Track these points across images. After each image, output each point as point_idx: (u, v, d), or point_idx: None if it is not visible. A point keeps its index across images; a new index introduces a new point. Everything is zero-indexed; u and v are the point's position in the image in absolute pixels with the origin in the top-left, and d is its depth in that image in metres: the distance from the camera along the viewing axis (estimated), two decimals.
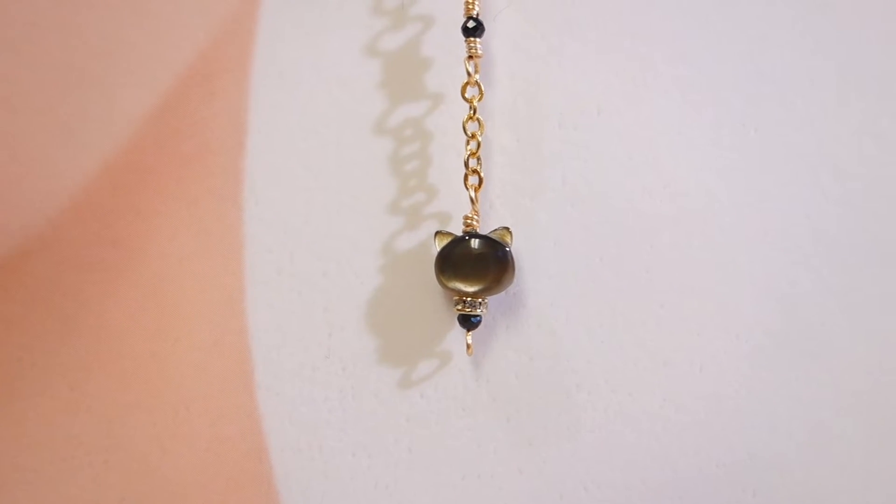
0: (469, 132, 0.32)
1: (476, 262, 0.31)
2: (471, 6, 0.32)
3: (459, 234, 0.32)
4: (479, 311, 0.32)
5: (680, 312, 0.33)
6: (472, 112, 0.32)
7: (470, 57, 0.32)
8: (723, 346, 0.32)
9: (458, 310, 0.32)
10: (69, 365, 0.33)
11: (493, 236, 0.32)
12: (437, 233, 0.32)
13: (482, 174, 0.32)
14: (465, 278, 0.31)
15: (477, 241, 0.31)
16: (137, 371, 0.33)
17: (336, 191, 0.33)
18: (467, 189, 0.32)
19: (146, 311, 0.33)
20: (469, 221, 0.32)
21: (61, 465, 0.32)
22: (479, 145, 0.32)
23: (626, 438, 0.32)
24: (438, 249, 0.32)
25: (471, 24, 0.32)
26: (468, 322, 0.32)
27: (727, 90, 0.33)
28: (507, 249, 0.32)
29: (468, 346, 0.32)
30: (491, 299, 0.32)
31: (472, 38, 0.32)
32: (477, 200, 0.32)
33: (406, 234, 0.33)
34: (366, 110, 0.34)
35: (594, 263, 0.33)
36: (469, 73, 0.32)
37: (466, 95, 0.32)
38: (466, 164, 0.32)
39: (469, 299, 0.31)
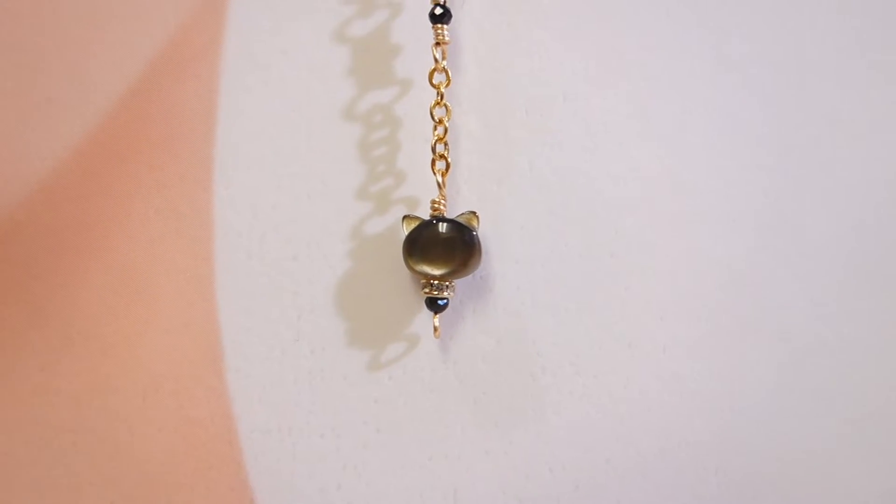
0: (436, 118, 0.33)
1: (443, 246, 0.32)
2: None
3: (427, 218, 0.32)
4: (446, 294, 0.32)
5: (644, 295, 0.33)
6: (439, 98, 0.33)
7: (437, 44, 0.33)
8: (686, 329, 0.33)
9: (425, 293, 0.32)
10: (39, 347, 0.33)
11: (459, 220, 0.32)
12: (405, 217, 0.32)
13: (449, 159, 0.33)
14: (433, 262, 0.32)
15: (444, 224, 0.32)
16: (107, 353, 0.33)
17: (305, 176, 0.34)
18: (435, 174, 0.33)
19: (116, 294, 0.33)
20: (436, 206, 0.32)
21: (30, 447, 0.32)
22: (446, 131, 0.33)
23: (590, 420, 0.33)
24: (406, 233, 0.32)
25: (438, 10, 0.32)
26: (435, 305, 0.32)
27: (692, 76, 0.34)
28: (474, 233, 0.32)
29: (435, 329, 0.32)
30: (458, 283, 0.33)
31: (439, 25, 0.32)
32: (444, 185, 0.33)
33: (375, 219, 0.34)
34: (335, 96, 0.34)
35: (560, 247, 0.33)
36: (436, 60, 0.33)
37: (434, 81, 0.33)
38: (434, 150, 0.33)
39: (436, 282, 0.32)
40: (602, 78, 0.34)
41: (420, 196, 0.33)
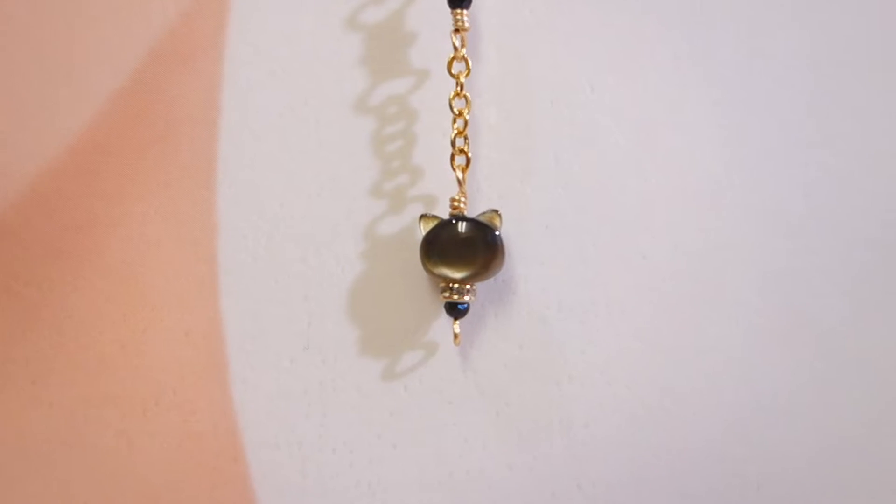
0: (456, 109, 0.31)
1: (463, 247, 0.29)
2: None
3: (446, 217, 0.30)
4: (466, 298, 0.30)
5: (677, 298, 0.31)
6: (458, 88, 0.31)
7: (456, 30, 0.30)
8: (723, 333, 0.31)
9: (444, 297, 0.30)
10: (31, 357, 0.31)
11: (481, 219, 0.30)
12: (422, 216, 0.30)
13: (469, 154, 0.31)
14: (452, 264, 0.29)
15: (464, 224, 0.30)
16: (104, 363, 0.31)
17: (315, 172, 0.32)
18: (454, 170, 0.31)
19: (113, 301, 0.31)
20: (456, 204, 0.30)
21: (22, 464, 0.30)
22: (465, 123, 0.31)
23: (622, 433, 0.31)
24: (423, 234, 0.30)
25: None
26: (455, 310, 0.30)
27: (725, 66, 0.32)
28: (497, 233, 0.30)
29: (455, 336, 0.30)
30: (479, 286, 0.31)
31: (458, 10, 0.30)
32: (464, 182, 0.31)
33: (389, 218, 0.32)
34: (346, 87, 0.32)
35: (587, 248, 0.31)
36: (455, 48, 0.31)
37: (453, 71, 0.31)
38: (453, 144, 0.31)
39: (456, 286, 0.30)
40: (631, 67, 0.32)
41: (438, 194, 0.31)
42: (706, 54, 0.32)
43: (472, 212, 0.31)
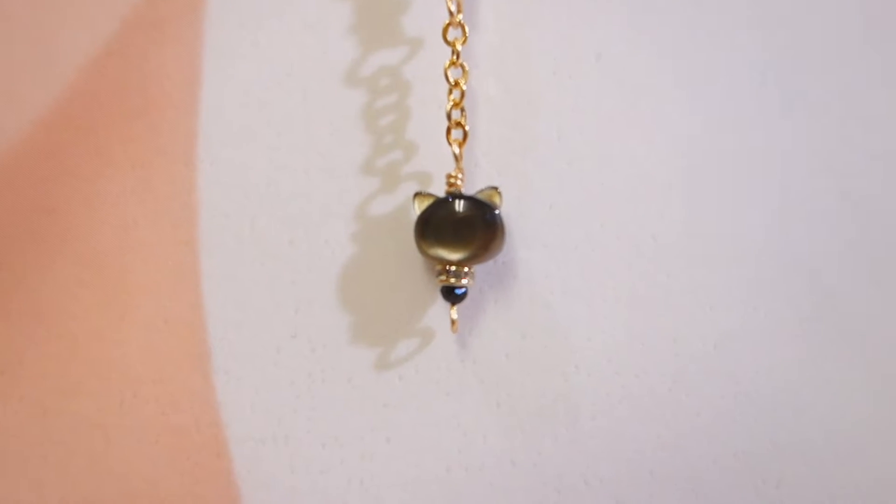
0: (451, 80, 0.29)
1: (461, 227, 0.28)
2: None
3: (442, 195, 0.28)
4: (464, 281, 0.28)
5: (690, 283, 0.29)
6: (454, 57, 0.29)
7: None
8: (739, 321, 0.29)
9: (440, 281, 0.28)
10: (1, 346, 0.29)
11: (479, 197, 0.28)
12: (417, 194, 0.28)
13: (467, 128, 0.29)
14: (449, 245, 0.28)
15: (461, 202, 0.28)
16: (77, 353, 0.29)
17: (302, 149, 0.30)
18: (450, 144, 0.29)
19: (87, 286, 0.29)
20: (452, 181, 0.28)
21: None
22: (462, 95, 0.29)
23: (631, 426, 0.29)
24: (418, 213, 0.28)
25: None
26: (452, 294, 0.28)
27: (740, 33, 0.30)
28: (496, 212, 0.28)
29: (453, 323, 0.28)
30: (478, 269, 0.29)
31: None
32: (461, 157, 0.29)
33: (382, 197, 0.30)
34: (335, 57, 0.30)
35: (594, 229, 0.29)
36: (451, 13, 0.29)
37: (448, 38, 0.29)
38: (449, 117, 0.29)
39: (453, 269, 0.28)
40: (639, 34, 0.30)
41: (433, 170, 0.29)
42: (719, 20, 0.30)
43: (469, 189, 0.29)
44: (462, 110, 0.29)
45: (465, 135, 0.29)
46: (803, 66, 0.30)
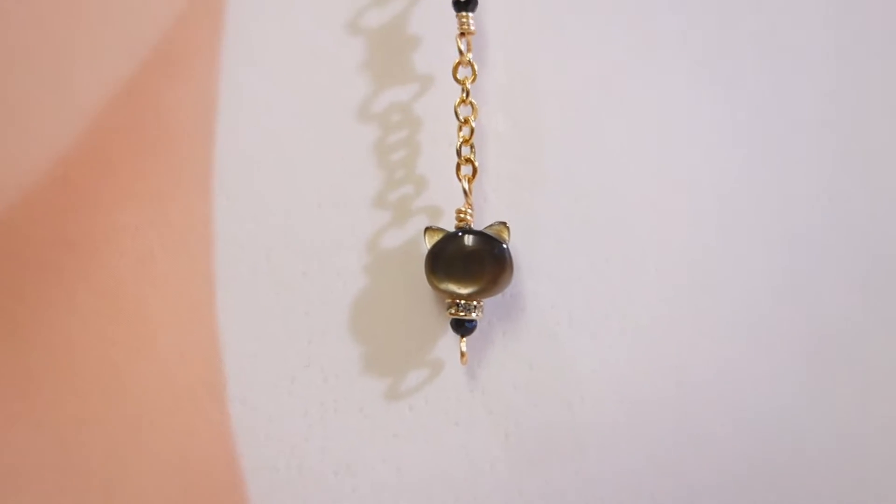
0: (461, 117, 0.29)
1: (470, 261, 0.28)
2: None
3: (452, 230, 0.29)
4: (473, 315, 0.29)
5: (692, 314, 0.30)
6: (464, 95, 0.29)
7: (462, 34, 0.29)
8: (741, 351, 0.29)
9: (450, 314, 0.29)
10: (18, 375, 0.29)
11: (488, 232, 0.29)
12: (427, 229, 0.29)
13: (476, 164, 0.29)
14: (459, 279, 0.28)
15: (471, 237, 0.28)
16: (94, 382, 0.29)
17: (316, 182, 0.30)
18: (460, 180, 0.29)
19: (105, 317, 0.30)
20: (462, 216, 0.29)
21: (8, 488, 0.29)
22: (472, 131, 0.29)
23: (635, 454, 0.29)
24: (429, 247, 0.29)
25: None
26: (462, 327, 0.29)
27: (743, 66, 0.30)
28: (505, 247, 0.29)
29: (462, 354, 0.29)
30: (487, 302, 0.29)
31: (463, 14, 0.29)
32: (471, 193, 0.29)
33: (393, 231, 0.30)
34: (348, 94, 0.31)
35: (598, 262, 0.30)
36: (461, 52, 0.29)
37: (458, 76, 0.29)
38: (459, 153, 0.29)
39: (463, 302, 0.28)
40: (645, 69, 0.30)
41: (443, 205, 0.30)
42: (722, 55, 0.30)
43: (479, 224, 0.30)
44: (471, 147, 0.29)
45: (475, 171, 0.29)
46: (807, 99, 0.30)
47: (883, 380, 0.29)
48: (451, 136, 0.30)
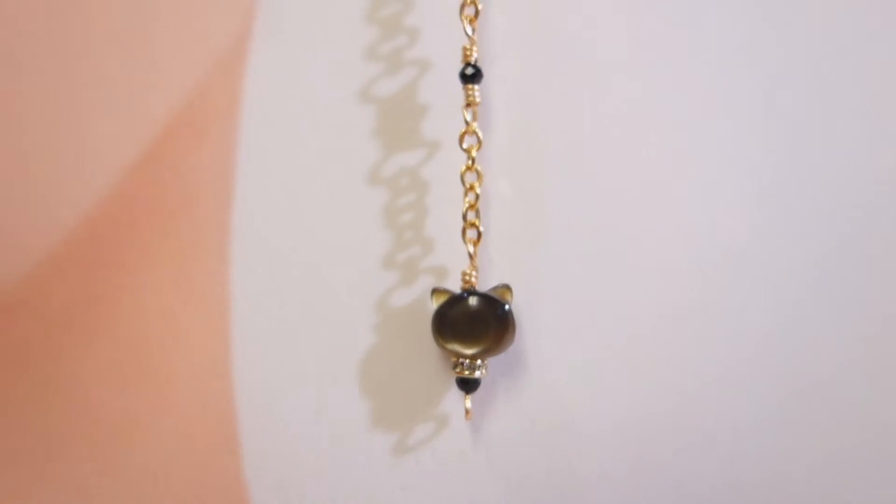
0: (467, 184, 0.31)
1: (474, 323, 0.30)
2: (469, 52, 0.31)
3: (457, 291, 0.30)
4: (477, 373, 0.30)
5: (689, 367, 0.31)
6: (470, 162, 0.31)
7: (468, 104, 0.31)
8: (734, 403, 0.31)
9: (456, 372, 0.30)
10: (43, 430, 0.31)
11: (492, 294, 0.30)
12: (434, 290, 0.30)
13: (481, 228, 0.31)
14: (464, 340, 0.30)
15: (475, 299, 0.30)
16: (114, 435, 0.31)
17: (328, 242, 0.32)
18: (465, 243, 0.31)
19: (126, 372, 0.31)
20: (467, 278, 0.30)
21: None
22: (477, 198, 0.31)
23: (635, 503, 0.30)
24: (435, 308, 0.30)
25: (469, 70, 0.30)
26: (467, 385, 0.30)
27: (749, 122, 0.31)
28: (508, 308, 0.30)
29: (467, 412, 0.30)
30: (490, 359, 0.31)
31: (470, 86, 0.31)
32: (476, 256, 0.31)
33: (401, 289, 0.32)
34: (359, 158, 0.32)
35: (598, 317, 0.31)
36: (467, 122, 0.31)
37: (464, 146, 0.31)
38: (464, 217, 0.31)
39: (468, 361, 0.30)
40: (642, 136, 0.32)
41: (449, 265, 0.31)
42: (728, 104, 0.31)
43: (484, 284, 0.31)
44: (477, 212, 0.31)
45: (479, 235, 0.31)
46: (817, 146, 0.32)
47: (873, 439, 0.30)
48: (457, 199, 0.31)
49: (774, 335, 0.31)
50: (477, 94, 0.31)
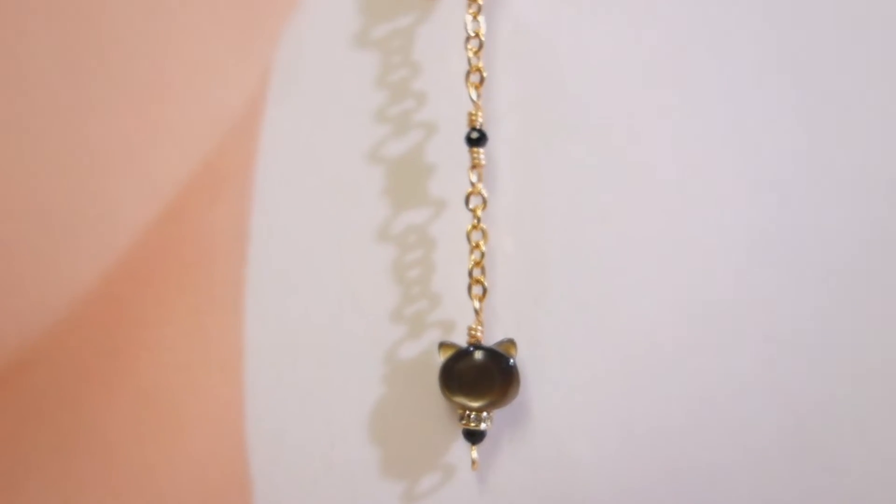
0: (473, 242, 0.32)
1: (481, 376, 0.31)
2: (474, 117, 0.32)
3: (464, 345, 0.31)
4: (483, 426, 0.31)
5: (685, 419, 0.32)
6: (476, 221, 0.32)
7: (473, 166, 0.32)
8: (730, 456, 0.32)
9: (462, 424, 0.31)
10: (64, 481, 0.32)
11: (497, 349, 0.31)
12: (441, 344, 0.31)
13: (486, 284, 0.32)
14: (470, 393, 0.31)
15: (481, 353, 0.31)
16: (132, 485, 0.32)
17: (339, 297, 0.33)
18: (471, 299, 0.32)
19: (144, 423, 0.32)
20: (473, 333, 0.32)
21: None
22: (482, 255, 0.32)
23: None
24: (442, 361, 0.31)
25: (475, 134, 0.32)
26: (473, 437, 0.31)
27: (746, 183, 0.33)
28: (512, 362, 0.31)
29: (473, 462, 0.31)
30: (496, 411, 0.32)
31: (475, 149, 0.32)
32: (481, 311, 0.32)
33: (409, 343, 0.33)
34: (369, 216, 0.33)
35: (597, 369, 0.32)
36: (472, 183, 0.32)
37: (470, 206, 0.32)
38: (470, 274, 0.32)
39: (474, 414, 0.31)
40: (641, 195, 0.33)
41: (456, 319, 0.33)
42: (725, 166, 0.33)
43: (489, 338, 0.32)
44: (482, 269, 0.32)
45: (485, 291, 0.32)
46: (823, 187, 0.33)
47: (865, 491, 0.32)
48: (464, 256, 0.32)
49: (768, 384, 0.32)
50: (482, 156, 0.32)
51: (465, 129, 0.32)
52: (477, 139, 0.32)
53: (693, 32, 0.33)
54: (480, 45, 0.32)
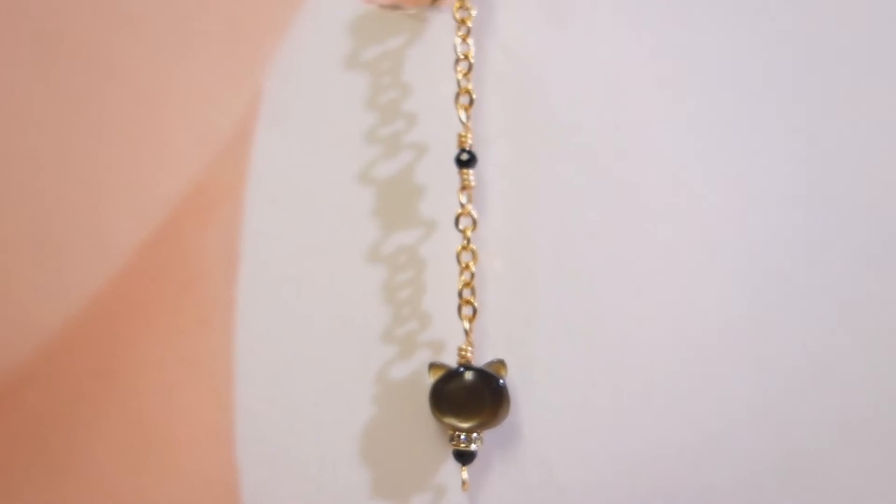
0: (463, 263, 0.32)
1: (471, 397, 0.31)
2: (464, 139, 0.32)
3: (454, 365, 0.31)
4: (473, 446, 0.31)
5: (676, 438, 0.32)
6: (465, 242, 0.32)
7: (463, 188, 0.32)
8: (720, 475, 0.32)
9: (452, 445, 0.31)
10: (54, 499, 0.32)
11: (487, 370, 0.31)
12: (432, 364, 0.32)
13: (476, 305, 0.32)
14: (460, 414, 0.31)
15: (471, 374, 0.31)
16: None
17: (329, 317, 0.33)
18: (461, 320, 0.32)
19: (133, 445, 0.32)
20: (463, 353, 0.32)
21: None
22: (472, 276, 0.32)
23: None
24: (432, 382, 0.31)
25: (464, 156, 0.32)
26: (463, 457, 0.31)
27: (739, 208, 0.33)
28: (502, 383, 0.31)
29: (464, 483, 0.31)
30: (486, 431, 0.32)
31: (465, 170, 0.32)
32: (471, 331, 0.32)
33: (399, 363, 0.33)
34: (359, 237, 0.33)
35: (586, 389, 0.33)
36: (462, 204, 0.32)
37: (460, 227, 0.32)
38: (460, 295, 0.32)
39: (464, 435, 0.31)
40: (631, 217, 0.33)
41: (446, 339, 0.33)
42: (716, 189, 0.33)
43: (479, 357, 0.32)
44: (472, 289, 0.32)
45: (475, 311, 0.32)
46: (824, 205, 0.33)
47: None
48: (453, 276, 0.33)
49: (759, 406, 0.32)
50: (472, 177, 0.32)
51: (454, 151, 0.32)
52: (467, 161, 0.32)
53: (678, 54, 0.33)
54: (470, 68, 0.33)
